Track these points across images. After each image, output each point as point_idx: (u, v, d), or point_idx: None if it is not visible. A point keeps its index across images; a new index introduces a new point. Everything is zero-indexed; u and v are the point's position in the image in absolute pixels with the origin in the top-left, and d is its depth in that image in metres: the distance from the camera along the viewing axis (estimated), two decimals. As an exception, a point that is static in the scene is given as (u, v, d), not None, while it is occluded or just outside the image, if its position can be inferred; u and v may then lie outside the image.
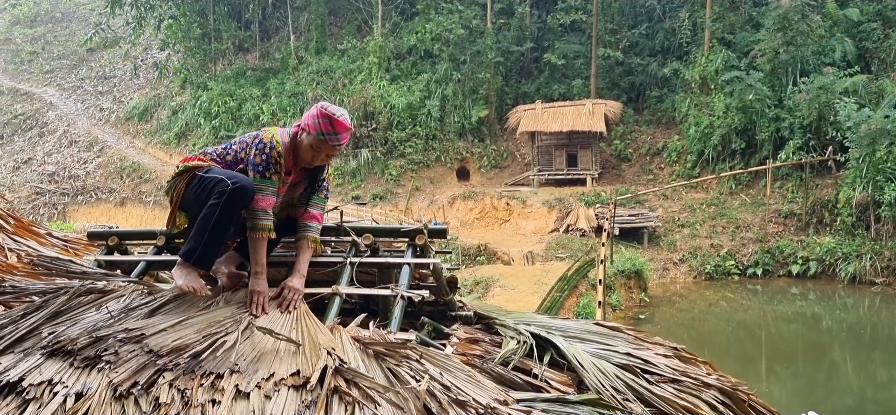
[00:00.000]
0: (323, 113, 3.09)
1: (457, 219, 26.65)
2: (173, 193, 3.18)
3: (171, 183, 3.19)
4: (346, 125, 3.12)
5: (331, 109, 3.12)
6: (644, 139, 30.23)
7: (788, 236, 23.23)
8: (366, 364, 2.56)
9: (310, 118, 3.11)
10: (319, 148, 3.13)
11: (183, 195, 3.14)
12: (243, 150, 3.17)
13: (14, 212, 4.80)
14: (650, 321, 18.22)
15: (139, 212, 31.43)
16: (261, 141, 3.09)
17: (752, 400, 3.12)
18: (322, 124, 3.08)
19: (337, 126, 3.09)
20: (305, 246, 3.26)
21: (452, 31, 31.30)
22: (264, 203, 3.06)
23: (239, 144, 3.21)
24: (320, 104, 3.16)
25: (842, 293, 20.91)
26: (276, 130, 3.15)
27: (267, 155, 3.06)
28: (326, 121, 3.08)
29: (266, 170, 3.06)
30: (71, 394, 2.35)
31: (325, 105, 3.14)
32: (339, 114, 3.10)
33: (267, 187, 3.07)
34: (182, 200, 3.15)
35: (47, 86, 42.04)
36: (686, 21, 30.41)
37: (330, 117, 3.08)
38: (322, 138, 3.09)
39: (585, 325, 3.56)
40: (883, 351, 17.38)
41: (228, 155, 3.21)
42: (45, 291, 3.15)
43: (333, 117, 3.08)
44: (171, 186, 3.18)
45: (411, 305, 3.27)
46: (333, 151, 3.17)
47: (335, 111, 3.10)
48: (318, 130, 3.08)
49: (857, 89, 23.47)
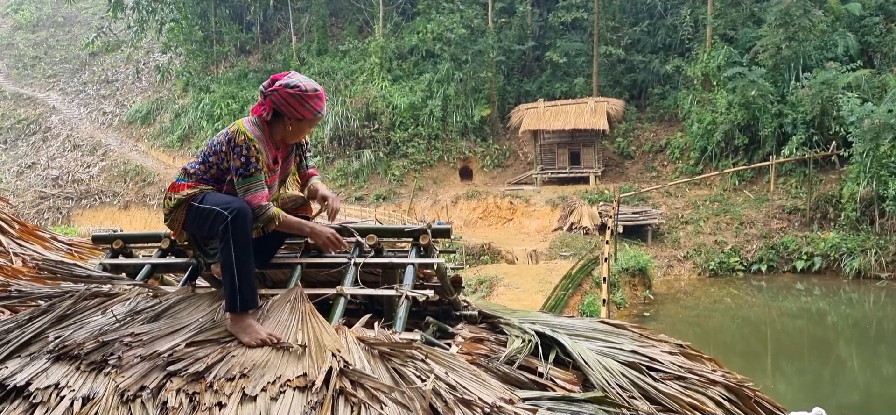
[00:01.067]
0: (307, 95, 3.06)
1: (460, 218, 26.64)
2: (174, 224, 3.19)
3: (169, 216, 3.18)
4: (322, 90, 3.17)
5: (302, 84, 3.08)
6: (647, 136, 30.20)
7: (793, 232, 23.18)
8: (371, 365, 2.56)
9: (294, 106, 3.06)
10: (313, 126, 3.22)
11: (183, 224, 3.16)
12: (222, 158, 3.12)
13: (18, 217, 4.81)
14: (655, 319, 18.20)
15: (143, 215, 31.49)
16: (235, 144, 3.06)
17: (758, 396, 3.12)
18: (314, 106, 3.09)
19: (322, 98, 3.14)
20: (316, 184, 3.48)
21: (454, 31, 31.29)
22: (258, 199, 3.06)
23: (216, 155, 3.13)
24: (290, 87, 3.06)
25: (847, 288, 20.86)
26: (242, 125, 3.10)
27: (245, 156, 3.04)
28: (316, 100, 3.09)
29: (247, 169, 3.05)
30: (78, 398, 2.35)
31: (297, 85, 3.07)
32: (311, 85, 3.10)
33: (255, 184, 3.06)
34: (183, 226, 3.18)
35: (50, 90, 42.14)
36: (687, 18, 30.37)
37: (317, 95, 3.09)
38: (318, 116, 3.14)
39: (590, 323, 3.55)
40: (889, 346, 17.33)
41: (211, 169, 3.15)
42: (50, 296, 3.15)
43: (318, 93, 3.10)
44: (170, 218, 3.18)
45: (416, 305, 3.27)
46: (319, 122, 3.24)
47: (308, 85, 3.09)
48: (314, 112, 3.10)
49: (859, 84, 23.41)
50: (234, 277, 2.87)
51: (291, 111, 3.08)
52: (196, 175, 3.17)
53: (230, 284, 2.86)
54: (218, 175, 3.17)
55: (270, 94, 3.10)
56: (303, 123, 3.13)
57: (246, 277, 2.90)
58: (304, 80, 3.11)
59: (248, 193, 3.05)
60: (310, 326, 2.80)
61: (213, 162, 3.16)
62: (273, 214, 3.08)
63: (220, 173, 3.16)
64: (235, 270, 2.88)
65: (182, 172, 3.21)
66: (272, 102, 3.10)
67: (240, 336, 2.73)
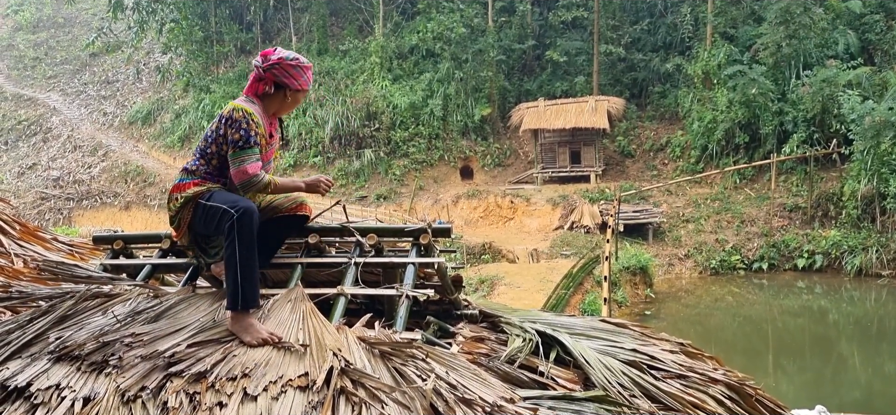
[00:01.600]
0: (303, 65, 3.24)
1: (461, 218, 26.64)
2: (180, 223, 3.20)
3: (175, 217, 3.19)
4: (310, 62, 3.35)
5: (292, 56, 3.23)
6: (647, 135, 30.19)
7: (794, 230, 23.17)
8: (372, 364, 2.56)
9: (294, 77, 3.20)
10: (305, 95, 3.36)
11: (189, 223, 3.17)
12: (221, 143, 3.14)
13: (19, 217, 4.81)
14: (656, 317, 18.19)
15: (144, 215, 31.50)
16: (234, 120, 3.09)
17: (760, 395, 3.12)
18: (309, 76, 3.28)
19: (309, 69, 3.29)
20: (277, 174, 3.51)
21: (454, 30, 31.28)
22: (252, 168, 3.10)
23: (214, 144, 3.15)
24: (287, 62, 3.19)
25: (848, 286, 20.84)
26: (237, 103, 3.17)
27: (245, 129, 3.08)
28: (309, 71, 3.28)
29: (246, 142, 3.08)
30: (79, 399, 2.35)
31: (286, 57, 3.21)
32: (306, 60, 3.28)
33: (250, 156, 3.09)
34: (190, 225, 3.19)
35: (50, 91, 42.16)
36: (688, 16, 30.35)
37: (308, 67, 3.28)
38: (309, 86, 3.31)
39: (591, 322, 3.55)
40: (890, 344, 17.32)
41: (212, 160, 3.17)
42: (51, 296, 3.15)
43: (310, 65, 3.30)
44: (176, 219, 3.19)
45: (416, 305, 3.28)
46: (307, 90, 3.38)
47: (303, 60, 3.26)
48: (309, 83, 3.29)
49: (860, 82, 23.39)
50: (238, 275, 2.88)
51: (293, 82, 3.21)
52: (199, 172, 3.18)
53: (233, 282, 2.87)
54: (219, 165, 3.18)
55: (271, 68, 3.19)
56: (300, 93, 3.25)
57: (249, 276, 2.91)
58: (289, 53, 3.26)
59: (243, 163, 3.08)
60: (311, 325, 2.80)
61: (212, 152, 3.18)
62: (267, 180, 3.17)
63: (221, 163, 3.18)
64: (239, 269, 2.89)
65: (182, 172, 3.22)
66: (274, 75, 3.18)
67: (241, 336, 2.74)
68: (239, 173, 3.08)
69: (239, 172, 3.08)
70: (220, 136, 3.14)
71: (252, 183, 3.09)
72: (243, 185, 3.09)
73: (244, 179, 3.08)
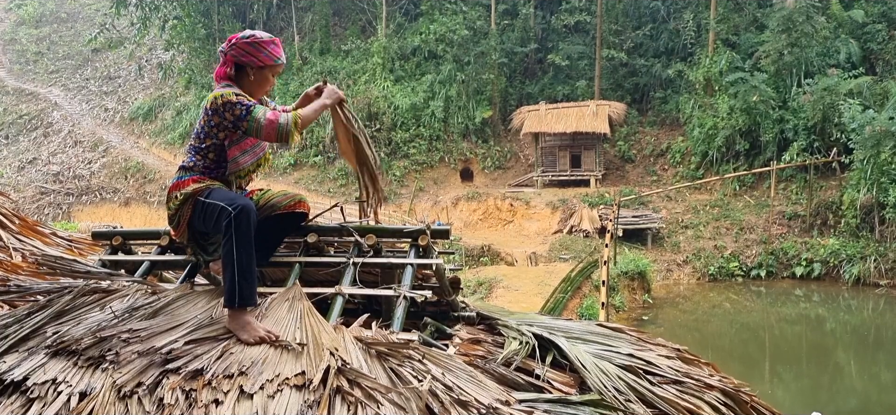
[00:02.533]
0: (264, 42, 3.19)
1: (460, 220, 26.65)
2: (179, 221, 3.21)
3: (175, 215, 3.19)
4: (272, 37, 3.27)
5: (257, 35, 3.20)
6: (648, 140, 30.20)
7: (792, 238, 23.18)
8: (368, 364, 2.56)
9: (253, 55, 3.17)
10: (275, 73, 3.28)
11: (189, 220, 3.18)
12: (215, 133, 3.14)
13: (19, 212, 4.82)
14: (653, 323, 18.20)
15: (143, 212, 31.50)
16: (217, 106, 3.10)
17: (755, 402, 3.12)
18: (273, 51, 3.21)
19: (279, 44, 3.26)
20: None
21: (456, 32, 31.29)
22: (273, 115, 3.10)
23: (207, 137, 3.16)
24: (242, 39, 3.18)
25: (846, 295, 20.85)
26: (217, 92, 3.16)
27: (238, 101, 3.09)
28: (273, 46, 3.22)
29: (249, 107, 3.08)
30: (75, 393, 2.36)
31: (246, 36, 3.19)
32: (270, 36, 3.24)
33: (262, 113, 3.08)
34: (189, 223, 3.19)
35: (52, 86, 42.17)
36: (690, 22, 30.36)
37: (273, 41, 3.23)
38: (278, 62, 3.24)
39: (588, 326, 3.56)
40: (887, 353, 17.33)
41: (209, 153, 3.19)
42: (49, 291, 3.16)
43: (274, 40, 3.24)
44: (176, 217, 3.20)
45: (414, 306, 3.28)
46: (281, 69, 3.31)
47: (266, 35, 3.22)
48: (273, 58, 3.21)
49: (861, 91, 23.40)
50: (235, 273, 2.88)
51: (251, 59, 3.17)
52: (197, 168, 3.19)
53: (230, 279, 2.88)
54: (216, 159, 3.18)
55: (229, 50, 3.20)
56: (264, 70, 3.20)
57: (247, 274, 2.92)
58: (258, 32, 3.23)
59: (261, 121, 3.08)
60: (308, 324, 2.80)
61: (208, 146, 3.18)
62: (292, 119, 3.12)
63: (218, 155, 3.18)
64: (236, 267, 2.89)
65: (180, 170, 3.23)
66: (233, 57, 3.18)
67: (238, 334, 2.74)
68: (267, 132, 3.08)
69: (266, 131, 3.08)
70: (213, 127, 3.14)
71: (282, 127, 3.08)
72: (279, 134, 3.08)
73: (273, 129, 3.08)
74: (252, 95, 3.22)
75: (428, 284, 3.53)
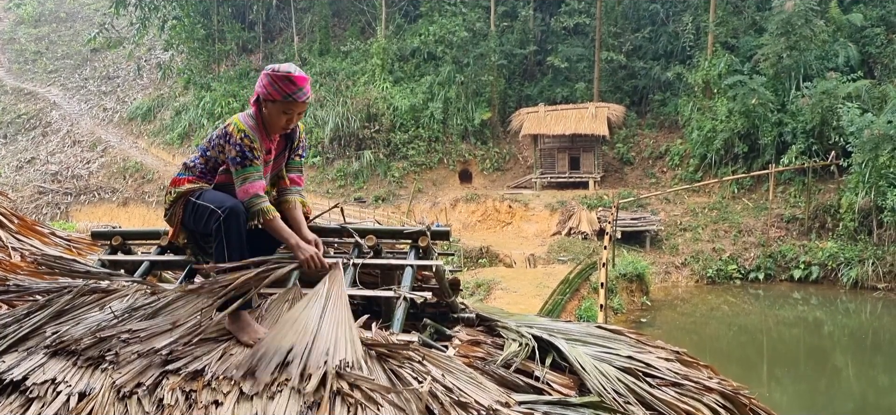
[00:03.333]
0: (278, 76, 3.09)
1: (459, 221, 26.65)
2: (173, 219, 3.25)
3: (168, 210, 3.23)
4: (305, 76, 3.13)
5: (282, 68, 3.12)
6: (647, 143, 30.22)
7: (791, 241, 23.20)
8: (368, 366, 2.56)
9: (267, 87, 3.10)
10: (290, 110, 3.14)
11: (181, 219, 3.21)
12: (220, 151, 3.17)
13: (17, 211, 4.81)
14: (652, 325, 18.20)
15: (142, 212, 31.48)
16: (229, 136, 3.10)
17: (754, 404, 3.12)
18: (284, 87, 3.08)
19: (298, 81, 3.09)
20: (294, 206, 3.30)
21: (456, 34, 31.31)
22: (253, 188, 3.07)
23: (214, 149, 3.19)
24: (268, 70, 3.14)
25: (844, 298, 20.87)
26: (237, 119, 3.15)
27: (239, 145, 3.07)
28: (286, 82, 3.08)
29: (244, 159, 3.07)
30: (74, 394, 2.35)
31: (274, 68, 3.14)
32: (294, 70, 3.12)
33: (252, 174, 3.08)
34: (181, 222, 3.22)
35: (51, 85, 42.15)
36: (689, 25, 30.40)
37: (287, 76, 3.09)
38: (290, 99, 3.10)
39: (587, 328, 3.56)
40: (885, 356, 17.34)
41: (210, 162, 3.22)
42: (48, 291, 3.16)
43: (291, 75, 3.09)
44: (169, 213, 3.24)
45: (414, 307, 3.28)
46: (303, 107, 3.18)
47: (289, 69, 3.11)
48: (284, 94, 3.08)
49: (860, 94, 23.44)
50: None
51: (263, 91, 3.11)
52: (196, 169, 3.22)
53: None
54: (216, 168, 3.22)
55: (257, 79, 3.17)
56: (275, 104, 3.11)
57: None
58: (287, 66, 3.14)
59: (245, 182, 3.07)
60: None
61: (210, 156, 3.22)
62: (264, 208, 3.07)
63: (217, 166, 3.21)
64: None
65: (183, 166, 3.27)
66: (257, 87, 3.15)
67: (238, 335, 2.74)
68: (241, 192, 3.07)
69: (241, 191, 3.07)
70: (219, 147, 3.17)
71: (250, 204, 3.06)
72: (246, 203, 3.07)
73: (245, 199, 3.06)
74: (269, 127, 3.18)
75: (427, 285, 3.53)
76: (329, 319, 2.76)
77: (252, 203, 3.06)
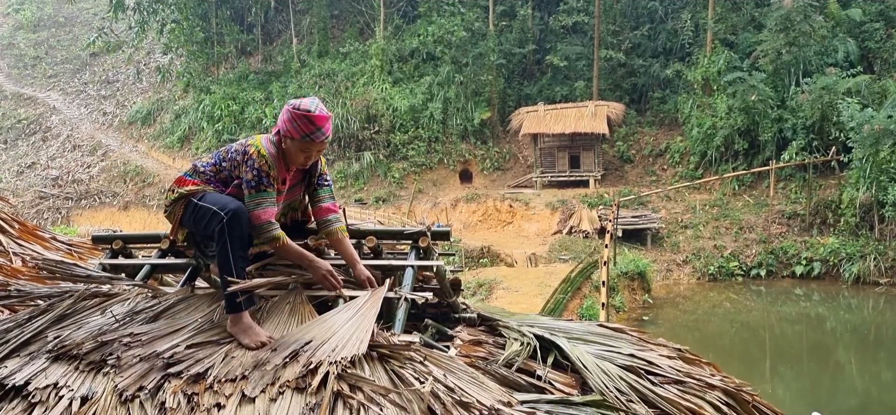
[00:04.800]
0: (297, 114, 3.05)
1: (460, 221, 26.65)
2: (172, 218, 3.23)
3: (169, 209, 3.22)
4: (325, 115, 3.10)
5: (303, 105, 3.08)
6: (647, 141, 30.21)
7: (792, 237, 23.19)
8: (369, 366, 2.56)
9: (287, 124, 3.08)
10: (308, 148, 3.12)
11: (181, 218, 3.18)
12: (235, 167, 3.14)
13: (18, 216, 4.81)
14: (654, 323, 18.20)
15: (143, 216, 31.49)
16: (249, 157, 3.08)
17: (756, 401, 3.12)
18: (303, 126, 3.05)
19: (317, 121, 3.06)
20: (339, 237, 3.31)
21: (454, 34, 31.31)
22: (266, 215, 3.05)
23: (230, 162, 3.17)
24: (290, 106, 3.12)
25: (846, 294, 20.86)
26: (260, 141, 3.13)
27: (257, 169, 3.05)
28: (305, 121, 3.05)
29: (259, 184, 3.05)
30: (76, 398, 2.35)
31: (296, 104, 3.10)
32: (314, 107, 3.07)
33: (265, 200, 3.06)
34: (180, 221, 3.20)
35: (50, 90, 42.17)
36: (688, 22, 30.39)
37: (307, 115, 3.05)
38: (308, 139, 3.08)
39: (589, 326, 3.56)
40: (887, 352, 17.33)
41: (222, 172, 3.18)
42: (49, 295, 3.16)
43: (310, 114, 3.05)
44: (169, 212, 3.22)
45: (415, 308, 3.28)
46: (322, 146, 3.16)
47: (309, 107, 3.07)
48: (302, 133, 3.06)
49: (860, 90, 23.42)
50: (232, 275, 2.88)
51: (283, 126, 3.10)
52: (205, 175, 3.20)
53: (227, 283, 2.88)
54: (227, 179, 3.19)
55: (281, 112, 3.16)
56: (294, 142, 3.09)
57: (242, 275, 2.92)
58: (312, 103, 3.10)
59: (258, 207, 3.05)
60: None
61: (225, 167, 3.19)
62: (276, 235, 3.07)
63: (229, 178, 3.18)
64: (234, 272, 2.89)
65: (191, 168, 3.25)
66: (288, 131, 3.11)
67: (240, 338, 2.74)
68: (253, 217, 3.04)
69: (253, 216, 3.04)
70: (237, 161, 3.14)
71: (262, 230, 3.05)
72: (254, 230, 3.06)
73: (255, 225, 3.04)
74: (288, 160, 3.17)
75: (428, 285, 3.53)
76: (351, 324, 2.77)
77: (264, 230, 3.05)
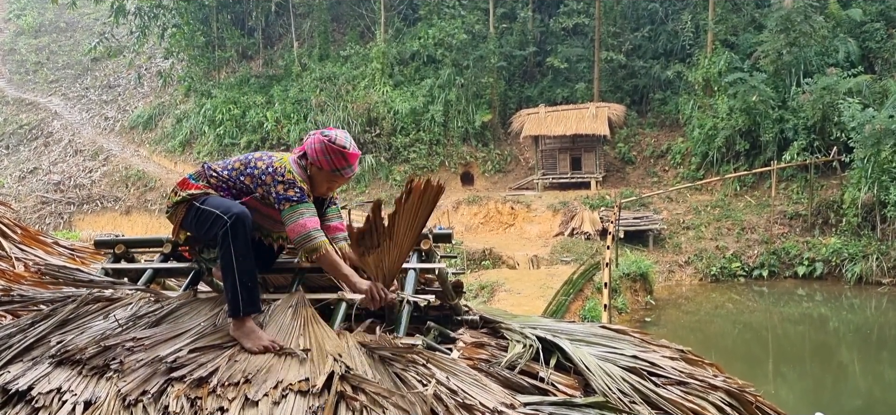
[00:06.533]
0: (333, 148, 3.11)
1: (461, 223, 26.65)
2: (173, 218, 3.23)
3: (170, 210, 3.22)
4: (357, 153, 3.18)
5: (339, 140, 3.13)
6: (648, 142, 30.20)
7: (794, 238, 23.16)
8: (372, 369, 2.56)
9: (319, 154, 3.12)
10: (335, 181, 3.22)
11: (182, 221, 3.18)
12: (258, 184, 3.13)
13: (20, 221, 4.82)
14: (656, 324, 18.18)
15: (145, 220, 31.50)
16: (279, 174, 3.09)
17: (759, 402, 3.12)
18: (336, 161, 3.12)
19: (350, 159, 3.15)
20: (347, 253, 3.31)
21: (455, 36, 31.32)
22: (312, 223, 3.07)
23: (249, 178, 3.14)
24: (325, 137, 3.14)
25: (848, 294, 20.83)
26: (288, 160, 3.15)
27: (293, 184, 3.07)
28: (339, 156, 3.12)
29: (301, 196, 3.07)
30: (80, 403, 2.36)
31: (330, 138, 3.14)
32: (349, 144, 3.14)
33: (307, 210, 3.07)
34: (182, 223, 3.19)
35: (52, 95, 42.21)
36: (688, 23, 30.38)
37: (342, 152, 3.11)
38: (338, 173, 3.16)
39: (591, 328, 3.56)
40: (891, 352, 17.30)
41: (236, 183, 3.16)
42: (52, 300, 3.16)
43: (345, 151, 3.12)
44: (171, 214, 3.22)
45: (417, 310, 3.28)
46: (347, 181, 3.26)
47: (344, 143, 3.12)
48: (333, 167, 3.13)
49: (861, 90, 23.40)
50: (236, 282, 2.88)
51: (313, 155, 3.14)
52: (211, 180, 3.17)
53: (232, 288, 2.87)
54: (238, 191, 3.16)
55: (308, 138, 3.19)
56: (321, 172, 3.14)
57: (247, 281, 2.91)
58: (346, 139, 3.15)
59: (302, 217, 3.04)
60: (312, 330, 2.81)
61: (243, 181, 3.15)
62: (318, 243, 3.06)
63: (240, 192, 3.15)
64: (237, 275, 2.88)
65: (197, 173, 3.23)
66: (305, 145, 3.15)
67: (242, 342, 2.74)
68: (298, 227, 3.04)
69: (298, 226, 3.04)
70: (265, 181, 3.12)
71: (308, 237, 3.04)
72: (299, 239, 3.06)
73: (302, 233, 3.04)
74: (313, 186, 3.20)
75: (431, 288, 3.53)
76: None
77: (311, 236, 3.04)
